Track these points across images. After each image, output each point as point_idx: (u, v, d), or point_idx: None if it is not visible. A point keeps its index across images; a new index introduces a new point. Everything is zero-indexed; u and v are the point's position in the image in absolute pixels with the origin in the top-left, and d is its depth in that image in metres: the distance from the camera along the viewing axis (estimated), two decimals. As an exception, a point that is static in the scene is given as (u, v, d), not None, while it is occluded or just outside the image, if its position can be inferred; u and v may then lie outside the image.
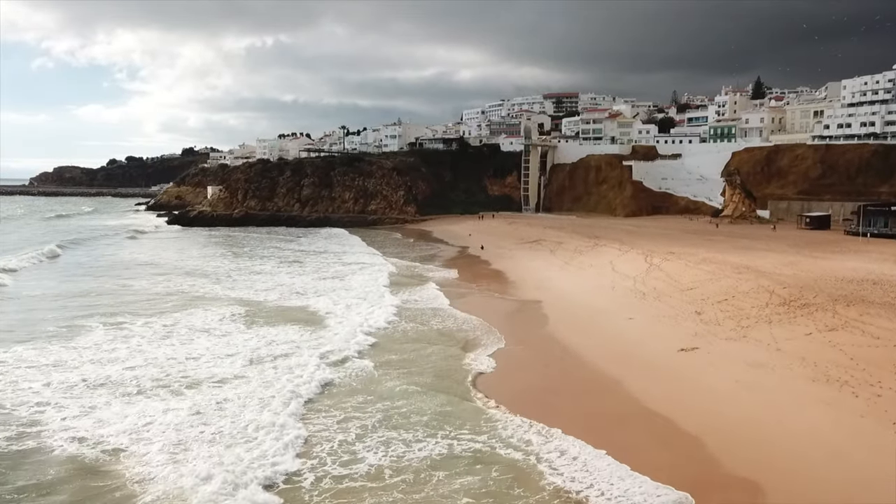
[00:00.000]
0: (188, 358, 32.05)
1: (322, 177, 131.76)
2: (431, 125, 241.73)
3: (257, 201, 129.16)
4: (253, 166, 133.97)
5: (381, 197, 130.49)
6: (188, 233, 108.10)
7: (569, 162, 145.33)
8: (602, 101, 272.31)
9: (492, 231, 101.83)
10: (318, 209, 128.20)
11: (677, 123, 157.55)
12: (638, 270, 53.28)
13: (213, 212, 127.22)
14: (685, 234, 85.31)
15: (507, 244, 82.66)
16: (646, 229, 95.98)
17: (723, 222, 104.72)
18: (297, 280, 57.95)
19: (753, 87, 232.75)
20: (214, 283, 55.96)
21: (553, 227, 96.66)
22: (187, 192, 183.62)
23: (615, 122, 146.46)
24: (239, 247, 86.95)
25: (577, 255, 66.31)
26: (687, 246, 67.33)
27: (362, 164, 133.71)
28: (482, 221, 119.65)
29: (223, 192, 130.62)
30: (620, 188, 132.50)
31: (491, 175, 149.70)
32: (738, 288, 42.17)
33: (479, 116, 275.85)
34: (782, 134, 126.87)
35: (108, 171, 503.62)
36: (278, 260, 72.54)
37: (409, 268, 67.12)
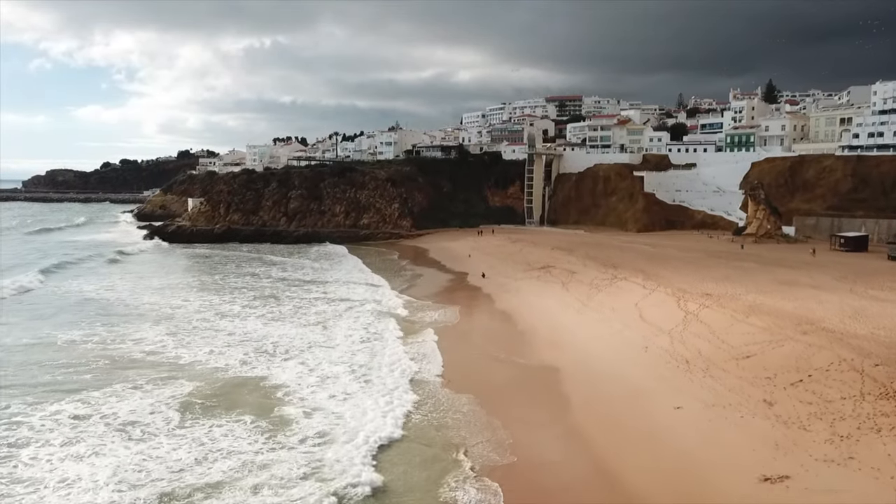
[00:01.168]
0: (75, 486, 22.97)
1: (311, 188, 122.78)
2: (430, 130, 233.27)
3: (241, 215, 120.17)
4: (237, 177, 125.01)
5: (375, 210, 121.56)
6: (163, 253, 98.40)
7: (575, 171, 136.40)
8: (606, 105, 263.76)
9: (493, 251, 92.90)
10: (306, 223, 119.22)
11: (689, 130, 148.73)
12: (671, 320, 44.31)
13: (192, 226, 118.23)
14: (711, 259, 76.45)
15: (511, 271, 73.71)
16: (664, 250, 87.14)
17: (747, 241, 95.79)
18: (269, 328, 48.81)
19: (765, 91, 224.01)
20: (168, 333, 46.84)
21: (562, 249, 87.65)
22: (172, 200, 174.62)
23: (624, 130, 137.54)
24: (212, 273, 77.89)
25: (595, 291, 57.32)
26: (720, 280, 58.41)
27: (354, 174, 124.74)
28: (482, 238, 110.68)
29: (204, 205, 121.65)
30: (631, 200, 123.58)
31: (492, 185, 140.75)
32: (810, 360, 33.22)
33: (480, 120, 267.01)
34: (805, 143, 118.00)
35: (101, 174, 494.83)
36: (252, 294, 63.43)
37: (403, 305, 58.15)
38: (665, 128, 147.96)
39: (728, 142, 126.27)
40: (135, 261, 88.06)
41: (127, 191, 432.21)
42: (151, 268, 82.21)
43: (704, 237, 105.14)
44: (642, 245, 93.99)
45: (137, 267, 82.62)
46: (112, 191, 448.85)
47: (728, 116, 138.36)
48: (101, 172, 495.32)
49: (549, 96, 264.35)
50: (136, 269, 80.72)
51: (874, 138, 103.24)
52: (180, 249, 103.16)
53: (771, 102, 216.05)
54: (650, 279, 59.28)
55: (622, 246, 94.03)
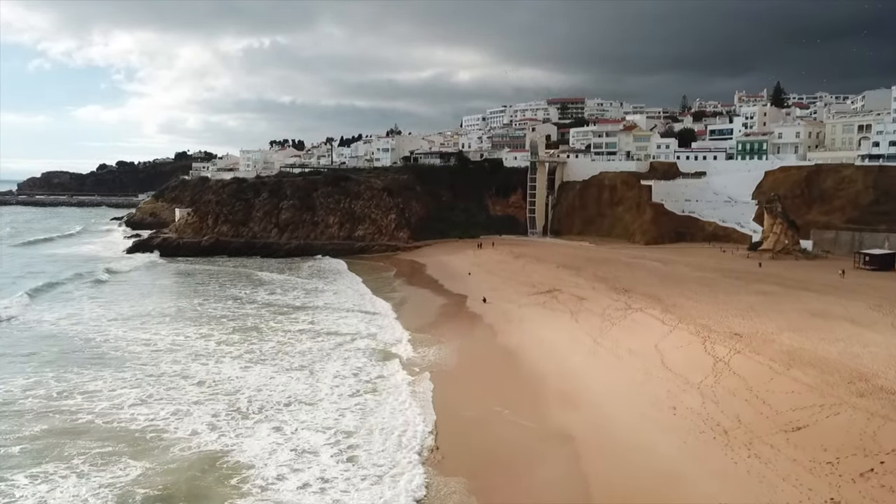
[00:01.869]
0: None
1: (303, 198, 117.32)
2: (429, 134, 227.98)
3: (230, 226, 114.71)
4: (226, 186, 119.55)
5: (370, 221, 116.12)
6: (144, 271, 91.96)
7: (580, 179, 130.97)
8: (609, 107, 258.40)
9: (495, 268, 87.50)
10: (298, 235, 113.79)
11: (698, 136, 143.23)
12: (699, 369, 38.92)
13: (179, 239, 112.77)
14: (729, 280, 71.10)
15: (514, 295, 68.25)
16: (676, 268, 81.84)
17: (763, 257, 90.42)
18: (246, 374, 42.95)
19: (773, 94, 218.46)
20: (128, 383, 41.10)
21: (568, 267, 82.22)
22: (163, 208, 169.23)
23: (630, 136, 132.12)
24: (192, 296, 72.31)
25: (608, 325, 51.88)
26: (745, 311, 53.08)
27: (349, 183, 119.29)
28: (482, 252, 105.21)
29: (191, 215, 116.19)
30: (639, 211, 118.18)
31: (493, 193, 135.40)
32: (877, 438, 27.86)
33: (480, 123, 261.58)
34: (821, 151, 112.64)
35: (97, 176, 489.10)
36: (232, 325, 57.79)
37: (399, 340, 52.71)
38: (672, 134, 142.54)
39: (739, 149, 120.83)
40: (112, 281, 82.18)
41: (123, 193, 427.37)
42: (127, 290, 76.42)
43: (717, 251, 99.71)
44: (653, 262, 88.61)
45: (112, 289, 76.80)
46: (108, 193, 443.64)
47: (738, 122, 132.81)
48: (98, 174, 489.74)
49: (550, 98, 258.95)
50: (110, 291, 74.98)
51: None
52: (164, 265, 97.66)
53: (779, 105, 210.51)
54: (668, 311, 53.84)
55: (631, 262, 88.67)
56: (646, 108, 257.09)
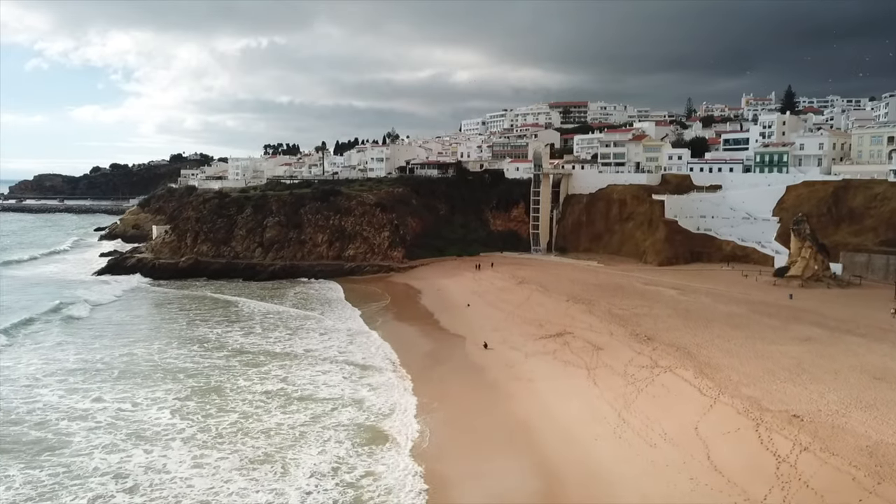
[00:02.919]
0: None
1: (290, 215, 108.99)
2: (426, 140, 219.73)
3: (210, 245, 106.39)
4: (207, 202, 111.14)
5: (362, 239, 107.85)
6: (108, 301, 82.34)
7: (586, 192, 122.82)
8: (613, 111, 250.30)
9: (496, 298, 79.28)
10: (283, 255, 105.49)
11: (710, 145, 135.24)
12: (759, 475, 30.85)
13: (155, 259, 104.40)
14: (762, 318, 63.07)
15: (519, 338, 60.06)
16: (698, 299, 73.87)
17: (791, 285, 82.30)
18: (191, 476, 34.54)
19: (784, 98, 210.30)
20: (27, 499, 32.81)
21: (578, 300, 73.98)
22: (146, 219, 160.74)
23: (640, 146, 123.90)
24: (153, 338, 63.36)
25: (632, 390, 43.71)
26: (794, 372, 45.02)
27: (339, 198, 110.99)
28: (482, 274, 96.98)
29: (169, 234, 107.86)
30: (650, 228, 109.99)
31: (494, 207, 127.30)
32: None
33: (480, 127, 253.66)
34: (847, 164, 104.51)
35: (90, 179, 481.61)
36: (191, 385, 49.28)
37: (389, 410, 44.46)
38: (684, 143, 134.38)
39: (757, 161, 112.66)
40: (65, 316, 72.33)
41: (116, 196, 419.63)
42: (79, 329, 66.83)
43: (738, 275, 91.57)
44: (670, 290, 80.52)
45: (61, 329, 65.95)
46: (101, 196, 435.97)
47: (754, 131, 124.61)
48: (90, 177, 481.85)
49: (552, 102, 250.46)
50: (58, 332, 64.98)
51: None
52: (133, 290, 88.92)
53: (790, 109, 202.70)
54: (703, 372, 45.60)
55: (646, 290, 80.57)
56: (651, 112, 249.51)
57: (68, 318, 71.17)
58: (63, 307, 74.62)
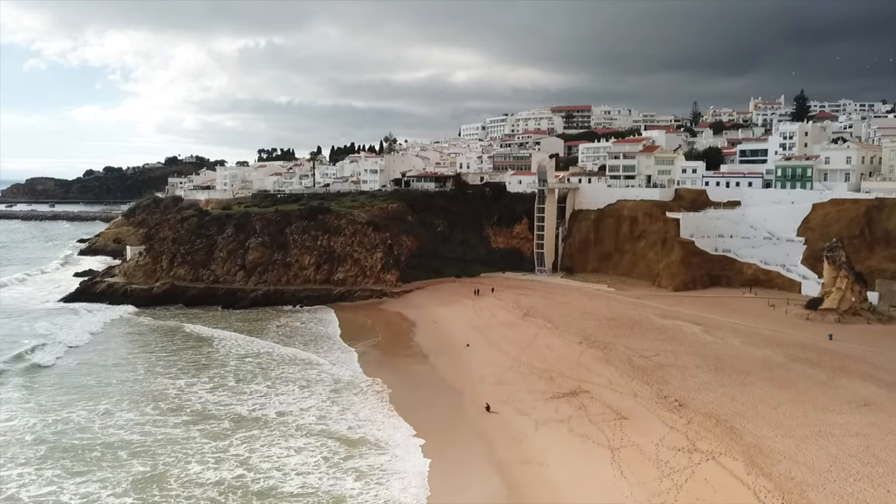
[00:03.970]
0: None
1: (274, 235, 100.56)
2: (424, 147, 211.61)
3: (188, 269, 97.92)
4: (185, 221, 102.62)
5: (352, 261, 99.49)
6: (56, 342, 72.08)
7: (594, 208, 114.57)
8: (618, 116, 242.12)
9: (499, 336, 71.03)
10: (267, 279, 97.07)
11: (725, 156, 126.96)
12: None
13: (127, 284, 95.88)
14: (804, 370, 55.05)
15: (527, 397, 51.85)
16: (727, 340, 65.83)
17: (826, 318, 74.23)
18: None
19: (796, 102, 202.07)
20: None
21: (592, 342, 65.71)
22: (128, 233, 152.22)
23: (652, 158, 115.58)
24: (96, 395, 53.22)
25: (670, 486, 35.55)
26: (869, 461, 36.96)
27: (328, 216, 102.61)
28: (482, 301, 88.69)
29: (144, 256, 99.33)
30: (664, 249, 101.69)
31: (495, 223, 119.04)
32: None
33: (480, 132, 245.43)
34: (878, 180, 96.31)
35: (83, 182, 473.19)
36: (122, 480, 40.19)
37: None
38: (696, 154, 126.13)
39: (778, 175, 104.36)
40: (10, 359, 64.26)
41: (110, 200, 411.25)
42: (6, 385, 58.29)
43: (764, 305, 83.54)
44: (692, 326, 72.40)
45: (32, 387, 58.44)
46: (94, 199, 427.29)
47: (774, 142, 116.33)
48: (83, 181, 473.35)
49: (554, 106, 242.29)
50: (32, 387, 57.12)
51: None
52: (94, 324, 79.83)
53: (802, 114, 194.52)
54: (754, 464, 37.36)
55: (666, 327, 72.39)
56: (657, 116, 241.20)
57: (9, 363, 62.61)
58: (29, 333, 65.65)
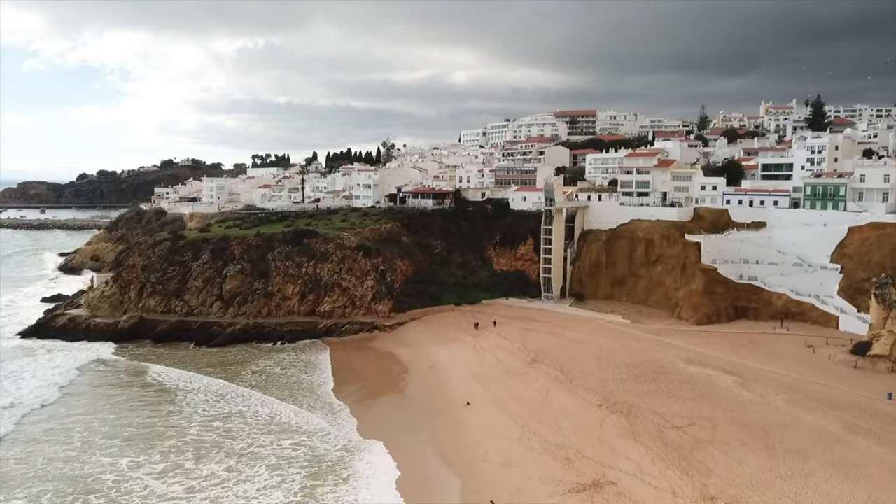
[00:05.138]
0: None
1: (255, 261, 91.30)
2: (422, 152, 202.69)
3: (159, 299, 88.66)
4: (157, 245, 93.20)
5: (340, 290, 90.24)
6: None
7: (605, 228, 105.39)
8: (624, 121, 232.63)
9: (503, 390, 61.88)
10: (247, 310, 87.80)
11: (745, 170, 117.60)
12: None
13: (91, 318, 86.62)
14: (866, 443, 46.40)
15: (540, 487, 42.67)
16: (767, 397, 56.80)
17: (877, 367, 65.03)
18: None
19: (812, 108, 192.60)
20: None
21: (615, 409, 56.32)
22: (107, 249, 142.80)
23: (668, 173, 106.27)
24: (13, 487, 45.60)
25: None
26: None
27: (314, 241, 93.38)
28: (484, 340, 79.50)
29: (110, 285, 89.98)
30: (684, 275, 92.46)
31: (497, 244, 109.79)
32: None
33: (481, 138, 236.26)
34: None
35: (76, 186, 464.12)
36: None
37: None
38: (714, 168, 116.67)
39: (807, 193, 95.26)
40: None
41: (104, 204, 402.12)
42: None
43: (799, 344, 74.47)
44: (725, 376, 63.34)
45: None
46: (88, 204, 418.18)
47: (800, 156, 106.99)
48: (76, 185, 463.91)
49: (557, 111, 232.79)
50: None
51: None
52: (48, 377, 70.64)
53: (819, 121, 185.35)
54: None
55: (695, 377, 63.29)
56: (665, 122, 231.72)
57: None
58: None
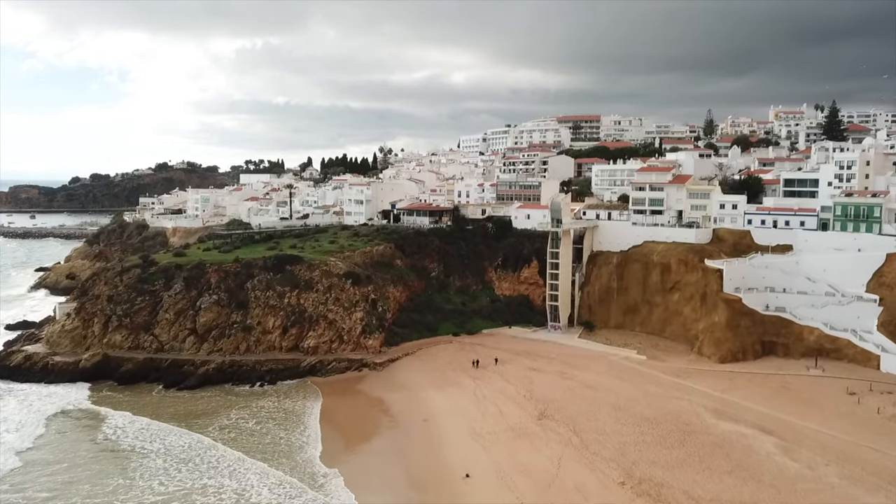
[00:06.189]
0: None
1: (233, 290, 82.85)
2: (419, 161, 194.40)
3: (126, 334, 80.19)
4: (124, 273, 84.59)
5: (326, 323, 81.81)
6: None
7: (616, 250, 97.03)
8: (629, 127, 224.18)
9: (506, 455, 53.70)
10: (223, 346, 79.34)
11: (764, 184, 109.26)
12: None
13: (49, 355, 78.14)
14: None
15: None
16: (817, 470, 48.19)
17: (935, 426, 56.76)
18: None
19: (828, 116, 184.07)
20: None
21: (641, 491, 47.96)
22: (84, 266, 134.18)
23: (683, 190, 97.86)
24: None
25: None
26: None
27: (298, 267, 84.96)
28: (484, 383, 71.31)
29: (72, 318, 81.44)
30: (704, 305, 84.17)
31: (499, 266, 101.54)
32: None
33: (481, 144, 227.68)
34: (967, 224, 78.88)
35: (69, 190, 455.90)
36: None
37: None
38: (732, 184, 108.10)
39: (837, 214, 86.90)
40: None
41: (96, 208, 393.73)
42: None
43: (839, 388, 66.44)
44: (762, 436, 55.21)
45: None
46: (80, 208, 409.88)
47: (827, 171, 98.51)
48: (69, 188, 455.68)
49: (560, 116, 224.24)
50: None
51: None
52: None
53: (835, 128, 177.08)
54: None
55: (726, 435, 55.18)
56: (672, 128, 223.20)
57: None
58: None
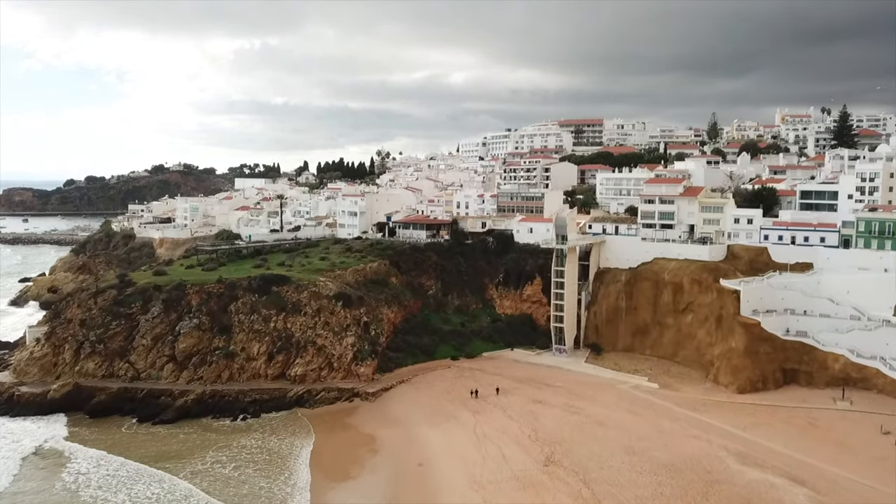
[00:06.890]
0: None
1: (215, 314, 77.16)
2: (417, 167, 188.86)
3: (100, 361, 74.49)
4: (99, 294, 78.80)
5: (315, 350, 76.15)
6: None
7: (625, 267, 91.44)
8: (632, 131, 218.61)
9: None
10: (204, 374, 73.68)
11: (779, 195, 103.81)
12: None
13: (16, 385, 72.45)
14: None
15: None
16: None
17: (984, 476, 51.14)
18: None
19: (839, 120, 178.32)
20: None
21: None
22: (66, 279, 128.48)
23: (695, 203, 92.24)
24: None
25: None
26: None
27: (285, 289, 79.27)
28: (484, 417, 65.75)
29: (42, 345, 75.78)
30: (720, 329, 78.60)
31: (500, 283, 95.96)
32: None
33: (480, 149, 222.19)
34: None
35: (63, 193, 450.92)
36: None
37: None
38: (744, 196, 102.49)
39: (861, 230, 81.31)
40: None
41: (91, 211, 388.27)
42: None
43: (874, 428, 60.82)
44: (790, 483, 50.05)
45: None
46: (75, 211, 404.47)
47: (848, 183, 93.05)
48: (63, 191, 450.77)
49: (562, 120, 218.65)
50: None
51: None
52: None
53: (846, 134, 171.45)
54: None
55: (753, 486, 50.36)
56: (676, 132, 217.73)
57: None
58: None
